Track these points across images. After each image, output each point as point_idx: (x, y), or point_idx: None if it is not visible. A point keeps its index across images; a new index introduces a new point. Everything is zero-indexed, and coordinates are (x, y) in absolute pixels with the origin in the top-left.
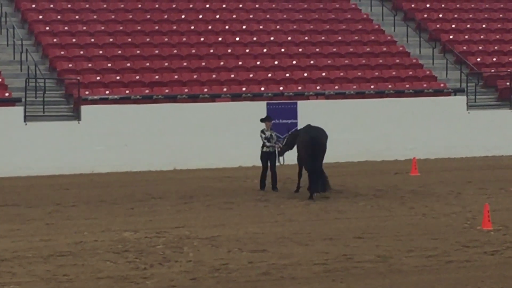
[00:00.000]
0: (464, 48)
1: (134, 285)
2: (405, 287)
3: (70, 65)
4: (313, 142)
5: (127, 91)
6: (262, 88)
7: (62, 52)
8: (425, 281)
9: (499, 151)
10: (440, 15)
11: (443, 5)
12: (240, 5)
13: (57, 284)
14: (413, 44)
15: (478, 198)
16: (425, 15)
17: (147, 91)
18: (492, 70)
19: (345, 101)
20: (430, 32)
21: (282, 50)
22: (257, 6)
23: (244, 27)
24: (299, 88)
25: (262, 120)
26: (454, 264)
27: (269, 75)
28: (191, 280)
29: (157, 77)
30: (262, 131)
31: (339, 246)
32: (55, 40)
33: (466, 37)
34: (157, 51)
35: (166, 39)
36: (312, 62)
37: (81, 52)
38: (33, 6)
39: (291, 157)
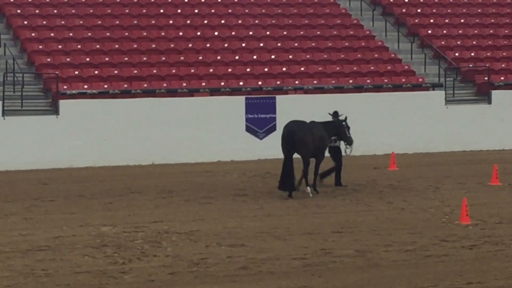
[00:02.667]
0: (443, 43)
1: (112, 280)
2: (383, 282)
3: (49, 60)
4: (285, 135)
5: (106, 86)
6: (241, 83)
7: (41, 46)
8: (403, 276)
9: (477, 146)
10: (419, 10)
11: (421, 0)
12: (219, 0)
13: (35, 278)
14: (392, 38)
15: (457, 192)
16: (404, 10)
17: (125, 86)
18: (470, 65)
19: (324, 95)
20: (408, 26)
21: (261, 44)
22: (235, 0)
23: (222, 21)
24: (278, 82)
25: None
26: (432, 258)
27: (248, 69)
28: (169, 275)
29: (135, 71)
30: None
31: (318, 241)
32: (33, 34)
33: (445, 32)
34: (135, 46)
35: (144, 34)
36: (291, 56)
37: (60, 47)
38: (11, 0)
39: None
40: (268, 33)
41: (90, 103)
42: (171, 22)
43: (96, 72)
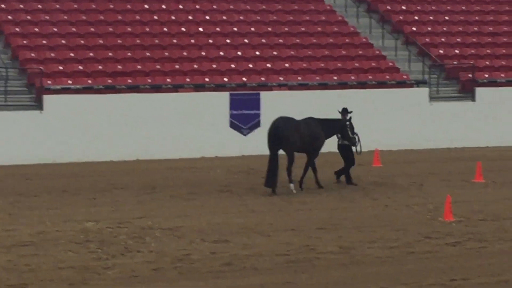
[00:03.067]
0: (427, 40)
1: (96, 276)
2: (367, 278)
3: (33, 55)
4: (270, 131)
5: (90, 81)
6: (225, 79)
7: (25, 42)
8: (387, 272)
9: (461, 143)
10: (403, 7)
11: None
12: None
13: (19, 274)
14: (376, 35)
15: (440, 189)
16: (388, 7)
17: (109, 81)
18: (455, 62)
19: (308, 92)
20: (393, 23)
21: (245, 40)
22: None
23: (207, 17)
24: (262, 79)
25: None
26: (416, 255)
27: (232, 65)
28: (153, 271)
29: (120, 67)
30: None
31: (302, 237)
32: (17, 29)
33: (429, 29)
34: (120, 41)
35: (129, 29)
36: (275, 53)
37: (44, 42)
38: None
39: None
40: (252, 29)
41: (74, 98)
42: (155, 17)
43: (81, 67)
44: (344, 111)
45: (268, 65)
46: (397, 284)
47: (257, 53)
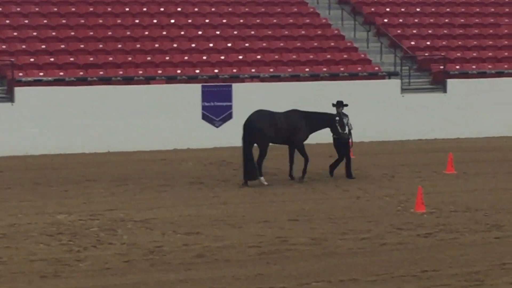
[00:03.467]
0: (399, 31)
1: (67, 268)
2: (339, 270)
3: (4, 47)
4: (244, 124)
5: (61, 73)
6: (197, 71)
7: None
8: (359, 264)
9: (433, 135)
10: None
11: None
12: None
13: None
14: (348, 27)
15: (412, 181)
16: None
17: (81, 73)
18: (426, 54)
19: (280, 84)
20: (364, 15)
21: (217, 32)
22: None
23: (179, 9)
24: (234, 70)
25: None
26: (387, 246)
27: (204, 57)
28: (125, 263)
29: (91, 59)
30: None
31: (274, 229)
32: None
33: (401, 20)
34: (91, 33)
35: (100, 21)
36: (247, 44)
37: (15, 34)
38: None
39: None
40: (224, 21)
41: (45, 90)
42: (127, 9)
43: (52, 59)
44: (338, 105)
45: (240, 57)
46: (369, 275)
47: (229, 45)
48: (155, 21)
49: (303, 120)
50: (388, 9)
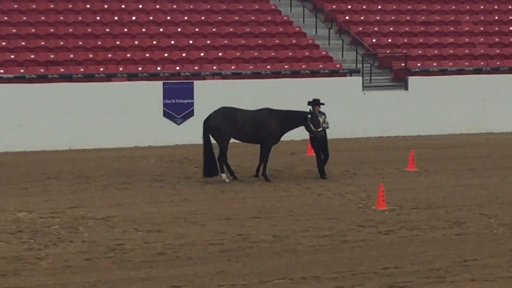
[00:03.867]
0: (360, 29)
1: (28, 266)
2: (300, 267)
3: None
4: (203, 122)
5: (22, 70)
6: (159, 68)
7: None
8: (320, 261)
9: (394, 132)
10: None
11: None
12: None
13: None
14: (309, 24)
15: (373, 178)
16: None
17: (42, 70)
18: (387, 51)
19: (242, 81)
20: (326, 12)
21: (179, 29)
22: None
23: (140, 6)
24: (196, 68)
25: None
26: (349, 243)
27: (166, 54)
28: (86, 261)
29: (52, 56)
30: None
31: (235, 226)
32: None
33: (362, 18)
34: (52, 30)
35: (61, 18)
36: (208, 42)
37: None
38: None
39: (189, 137)
40: (186, 18)
41: (6, 87)
42: (88, 6)
43: (12, 56)
44: (314, 103)
45: (202, 54)
46: (330, 272)
47: (191, 42)
48: (116, 18)
49: (273, 120)
50: (349, 7)
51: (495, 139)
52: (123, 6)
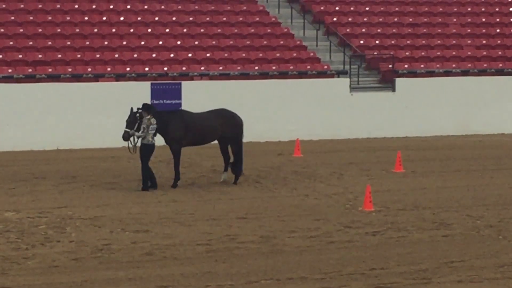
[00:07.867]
0: (348, 30)
1: (15, 266)
2: (287, 267)
3: None
4: None
5: (10, 70)
6: (147, 68)
7: None
8: (307, 261)
9: (381, 133)
10: None
11: None
12: None
13: None
14: (297, 26)
15: (360, 179)
16: None
17: (30, 70)
18: (375, 53)
19: (229, 82)
20: (314, 14)
21: (167, 30)
22: None
23: (128, 6)
24: (184, 68)
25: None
26: (336, 244)
27: (154, 55)
28: (73, 260)
29: (40, 56)
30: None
31: (222, 227)
32: None
33: (350, 19)
34: (40, 30)
35: (49, 18)
36: (196, 42)
37: None
38: None
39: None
40: (174, 18)
41: None
42: (76, 6)
43: (0, 56)
44: (144, 108)
45: (190, 55)
46: (317, 273)
47: (178, 42)
48: (104, 18)
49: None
50: (337, 8)
51: (482, 141)
52: (111, 7)
